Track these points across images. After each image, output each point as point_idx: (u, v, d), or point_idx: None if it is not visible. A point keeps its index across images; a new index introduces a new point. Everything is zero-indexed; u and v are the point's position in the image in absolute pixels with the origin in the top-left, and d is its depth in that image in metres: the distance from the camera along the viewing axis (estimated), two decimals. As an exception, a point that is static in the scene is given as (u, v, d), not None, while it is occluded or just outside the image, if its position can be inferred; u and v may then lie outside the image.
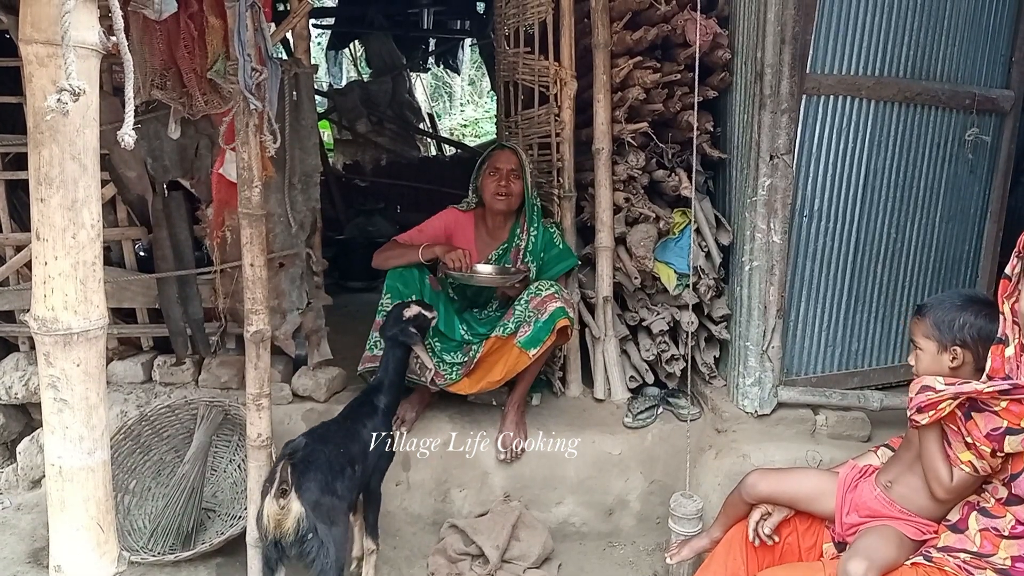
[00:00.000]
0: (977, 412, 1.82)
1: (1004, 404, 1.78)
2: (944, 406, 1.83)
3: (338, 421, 2.59)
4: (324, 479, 2.26)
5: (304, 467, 2.23)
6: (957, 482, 1.85)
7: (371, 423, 2.60)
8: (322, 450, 2.33)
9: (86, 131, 1.27)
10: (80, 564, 1.37)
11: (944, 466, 1.86)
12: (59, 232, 1.26)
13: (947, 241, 3.34)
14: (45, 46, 1.22)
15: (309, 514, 2.17)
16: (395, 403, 2.78)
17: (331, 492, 2.26)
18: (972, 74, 3.20)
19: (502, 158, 3.29)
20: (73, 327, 1.29)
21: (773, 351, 3.06)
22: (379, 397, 2.67)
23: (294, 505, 2.16)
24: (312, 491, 2.21)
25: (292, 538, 2.18)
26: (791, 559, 2.14)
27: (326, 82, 10.76)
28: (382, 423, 2.64)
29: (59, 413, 1.31)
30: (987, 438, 1.80)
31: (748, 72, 3.02)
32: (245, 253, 2.30)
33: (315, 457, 2.29)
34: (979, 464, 1.82)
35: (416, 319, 2.79)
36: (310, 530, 2.17)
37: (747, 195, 3.03)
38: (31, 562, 2.78)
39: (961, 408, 1.85)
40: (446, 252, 3.15)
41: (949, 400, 1.82)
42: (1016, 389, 1.74)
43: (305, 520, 2.17)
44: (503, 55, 3.98)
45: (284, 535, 2.18)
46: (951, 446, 1.87)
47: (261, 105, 2.16)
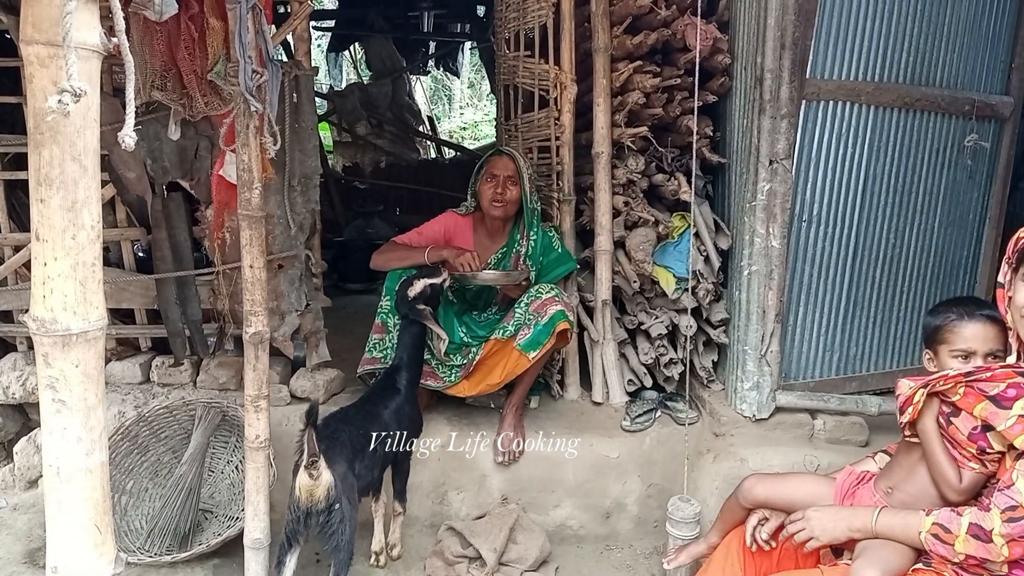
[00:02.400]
0: (955, 416, 1.86)
1: (961, 392, 1.83)
2: (918, 398, 1.89)
3: (359, 405, 2.70)
4: (349, 455, 2.37)
5: (331, 441, 2.33)
6: (967, 483, 1.86)
7: (394, 402, 2.72)
8: (345, 429, 2.46)
9: (87, 132, 1.26)
10: (77, 565, 1.36)
11: (951, 469, 1.87)
12: (59, 233, 1.26)
13: (946, 247, 3.34)
14: (46, 47, 1.22)
15: (337, 484, 2.26)
16: (416, 378, 2.90)
17: (352, 470, 2.36)
18: (972, 80, 3.21)
19: (499, 164, 3.28)
20: (72, 328, 1.29)
21: (771, 355, 3.07)
22: (400, 376, 2.80)
23: (325, 474, 2.24)
24: (340, 463, 2.31)
25: (323, 506, 2.24)
26: (788, 564, 2.13)
27: (326, 84, 10.76)
28: (406, 399, 2.77)
29: (57, 414, 1.31)
30: (970, 439, 1.82)
31: (748, 77, 3.02)
32: (244, 254, 2.30)
33: (339, 435, 2.41)
34: (983, 459, 1.83)
35: (423, 294, 2.86)
36: (337, 500, 2.26)
37: (746, 199, 3.03)
38: (27, 562, 2.77)
39: (943, 415, 1.89)
40: (456, 255, 3.13)
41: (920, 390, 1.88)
42: (977, 370, 1.81)
43: (333, 490, 2.25)
44: (503, 58, 3.98)
45: (315, 504, 2.25)
46: (955, 447, 1.87)
47: (262, 107, 2.16)
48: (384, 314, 3.18)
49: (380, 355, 3.16)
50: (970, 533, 1.70)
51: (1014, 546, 1.66)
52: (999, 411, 1.76)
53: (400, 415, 2.72)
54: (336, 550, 2.28)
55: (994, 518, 1.68)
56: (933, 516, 1.79)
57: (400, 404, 2.74)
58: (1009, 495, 1.69)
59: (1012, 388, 1.76)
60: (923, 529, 1.78)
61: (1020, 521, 1.65)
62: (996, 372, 1.80)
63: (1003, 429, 1.74)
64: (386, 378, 2.83)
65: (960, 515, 1.75)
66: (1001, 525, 1.66)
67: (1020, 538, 1.66)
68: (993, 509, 1.70)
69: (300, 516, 2.27)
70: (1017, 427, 1.72)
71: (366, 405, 2.70)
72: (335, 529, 2.26)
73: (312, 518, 2.27)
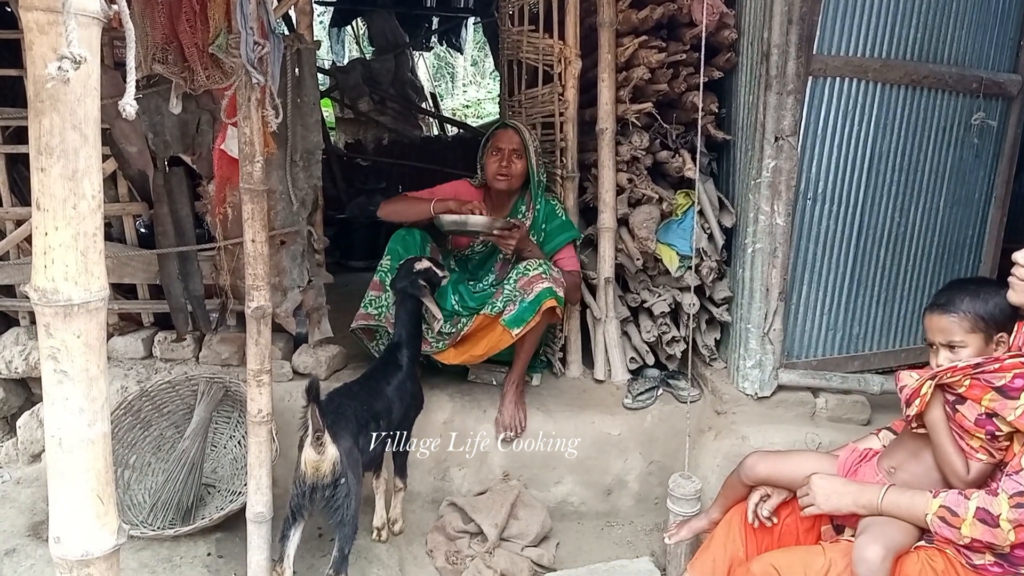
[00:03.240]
0: (960, 404, 1.85)
1: (967, 384, 1.81)
2: (925, 390, 1.86)
3: (361, 381, 2.72)
4: (354, 429, 2.39)
5: (336, 416, 2.35)
6: (975, 474, 1.85)
7: (396, 378, 2.74)
8: (349, 404, 2.48)
9: (87, 100, 1.25)
10: (79, 535, 1.36)
11: (960, 460, 1.86)
12: (59, 202, 1.24)
13: (951, 226, 3.33)
14: (46, 13, 1.20)
15: (343, 458, 2.27)
16: (416, 354, 2.92)
17: (357, 445, 2.38)
18: (979, 58, 3.18)
19: (504, 138, 3.27)
20: (73, 298, 1.27)
21: (774, 334, 3.06)
22: (401, 353, 2.82)
23: (330, 449, 2.24)
24: (345, 438, 2.33)
25: (328, 480, 2.25)
26: (790, 541, 2.14)
27: (328, 60, 10.68)
28: (408, 375, 2.79)
29: (59, 384, 1.30)
30: (977, 425, 1.81)
31: (754, 53, 2.99)
32: (246, 229, 2.29)
33: (344, 410, 2.43)
34: (991, 448, 1.83)
35: (427, 272, 2.89)
36: (343, 474, 2.27)
37: (751, 177, 3.02)
38: (31, 535, 2.79)
39: (948, 404, 1.88)
40: (460, 206, 3.15)
41: (928, 381, 1.86)
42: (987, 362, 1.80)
43: (339, 464, 2.26)
44: (507, 33, 3.94)
45: (321, 479, 2.26)
46: (963, 438, 1.87)
47: (263, 79, 2.14)
48: (383, 272, 3.22)
49: (375, 312, 3.20)
50: (977, 517, 1.70)
51: (1021, 531, 1.66)
52: (1007, 401, 1.75)
53: (403, 390, 2.75)
54: (341, 524, 2.29)
55: (1002, 503, 1.68)
56: (940, 498, 1.78)
57: (402, 380, 2.76)
58: (1017, 480, 1.69)
59: (1020, 378, 1.75)
60: (930, 511, 1.78)
61: None
62: (1005, 363, 1.78)
63: (1012, 420, 1.74)
64: (387, 355, 2.85)
65: (968, 499, 1.74)
66: (1009, 511, 1.66)
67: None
68: (1001, 494, 1.69)
69: (305, 491, 2.28)
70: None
71: (369, 381, 2.71)
72: (340, 504, 2.28)
73: (317, 492, 2.28)
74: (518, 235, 3.08)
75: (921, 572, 1.80)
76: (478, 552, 2.76)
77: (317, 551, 2.78)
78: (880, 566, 1.75)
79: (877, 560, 1.76)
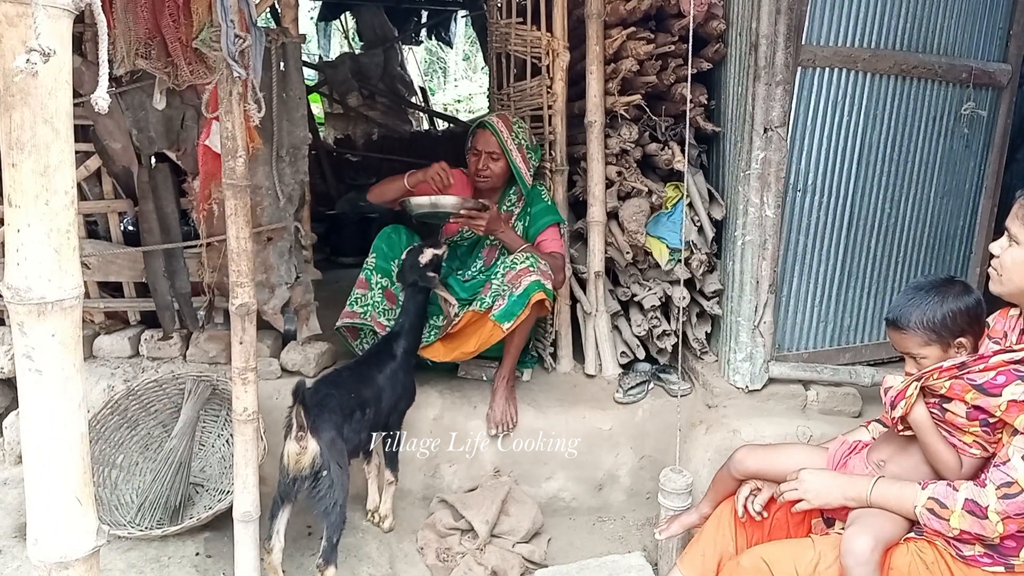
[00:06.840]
0: (947, 403, 1.83)
1: (947, 385, 1.80)
2: (911, 391, 1.84)
3: (352, 367, 2.73)
4: (338, 420, 2.42)
5: (319, 410, 2.37)
6: (968, 469, 1.84)
7: (388, 368, 2.74)
8: (334, 394, 2.50)
9: (58, 94, 1.22)
10: (58, 537, 1.34)
11: (951, 455, 1.84)
12: (31, 198, 1.22)
13: (941, 216, 3.32)
14: (14, 4, 1.17)
15: (325, 452, 2.31)
16: (415, 347, 2.91)
17: (341, 434, 2.41)
18: (969, 47, 3.17)
19: (481, 140, 3.27)
20: (47, 296, 1.25)
21: (765, 326, 3.05)
22: (399, 343, 2.82)
23: (311, 444, 2.29)
24: (328, 430, 2.36)
25: (308, 472, 2.30)
26: (780, 534, 2.13)
27: (317, 55, 10.63)
28: (401, 367, 2.79)
29: (34, 384, 1.28)
30: (969, 420, 1.80)
31: (743, 43, 2.97)
32: (230, 225, 2.26)
33: (328, 401, 2.45)
34: (986, 441, 1.81)
35: (432, 262, 2.89)
36: (324, 467, 2.31)
37: (740, 169, 3.00)
38: (17, 536, 2.76)
39: (935, 406, 1.86)
40: (427, 173, 3.17)
41: (914, 383, 1.84)
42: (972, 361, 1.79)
43: (319, 458, 2.30)
44: (495, 26, 3.92)
45: (300, 471, 2.31)
46: (954, 435, 1.85)
47: (244, 72, 2.11)
48: (369, 271, 3.22)
49: (361, 310, 3.19)
50: (965, 509, 1.69)
51: (1009, 523, 1.65)
52: (989, 399, 1.74)
53: (394, 381, 2.75)
54: (326, 513, 2.33)
55: (990, 494, 1.67)
56: (929, 490, 1.77)
57: (395, 370, 2.76)
58: (1005, 471, 1.68)
59: (1001, 375, 1.74)
60: (919, 503, 1.77)
61: (1015, 498, 1.64)
62: (991, 361, 1.77)
63: (1000, 415, 1.73)
64: (383, 343, 2.85)
65: (956, 490, 1.73)
66: (996, 502, 1.66)
67: (1015, 515, 1.64)
68: (989, 485, 1.69)
69: (288, 480, 2.34)
70: (1013, 410, 1.70)
71: (360, 367, 2.72)
72: (324, 494, 2.32)
73: (299, 483, 2.33)
74: (488, 216, 3.07)
75: (911, 564, 1.79)
76: (469, 549, 2.74)
77: (307, 549, 2.76)
78: (869, 557, 1.74)
79: (866, 551, 1.74)
